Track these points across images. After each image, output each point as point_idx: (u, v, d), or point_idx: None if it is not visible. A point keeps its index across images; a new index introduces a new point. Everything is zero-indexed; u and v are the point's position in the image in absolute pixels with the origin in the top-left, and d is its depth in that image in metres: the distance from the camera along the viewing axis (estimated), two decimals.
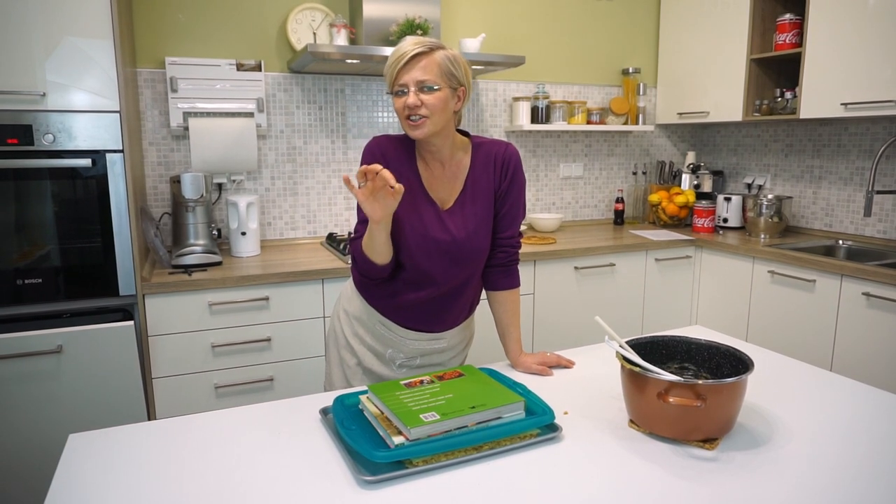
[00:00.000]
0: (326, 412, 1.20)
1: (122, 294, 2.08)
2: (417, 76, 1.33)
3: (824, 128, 3.11)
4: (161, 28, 2.59)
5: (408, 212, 1.42)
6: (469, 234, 1.44)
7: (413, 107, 1.33)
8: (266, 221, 2.86)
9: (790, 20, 2.83)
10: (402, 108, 1.35)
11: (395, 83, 1.35)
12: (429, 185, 1.46)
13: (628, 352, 1.13)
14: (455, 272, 1.47)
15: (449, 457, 1.01)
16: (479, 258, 1.49)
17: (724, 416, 1.06)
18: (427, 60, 1.33)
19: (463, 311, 1.56)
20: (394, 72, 1.34)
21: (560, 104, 3.22)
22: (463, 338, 1.62)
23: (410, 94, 1.33)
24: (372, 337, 1.55)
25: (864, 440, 1.09)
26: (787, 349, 2.62)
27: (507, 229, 1.51)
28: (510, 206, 1.49)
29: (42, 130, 1.93)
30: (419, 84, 1.33)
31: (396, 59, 1.33)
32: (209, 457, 1.04)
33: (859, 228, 2.98)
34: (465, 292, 1.52)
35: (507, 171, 1.47)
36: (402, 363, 1.56)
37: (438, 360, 1.59)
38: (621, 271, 2.92)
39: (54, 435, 1.99)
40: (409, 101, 1.33)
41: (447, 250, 1.43)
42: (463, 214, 1.45)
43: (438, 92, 1.34)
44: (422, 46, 1.33)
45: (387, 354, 1.55)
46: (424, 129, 1.36)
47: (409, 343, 1.53)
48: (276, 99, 2.80)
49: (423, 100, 1.33)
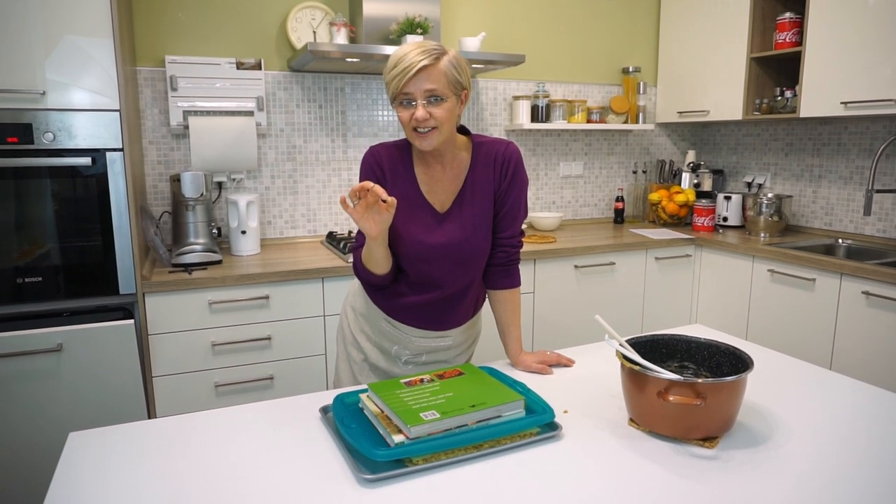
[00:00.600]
0: (326, 411, 1.20)
1: (122, 293, 2.08)
2: (425, 87, 1.30)
3: (824, 127, 3.11)
4: (161, 26, 2.59)
5: (405, 221, 1.41)
6: (467, 235, 1.44)
7: (422, 120, 1.31)
8: (266, 220, 2.86)
9: (790, 19, 2.83)
10: (408, 119, 1.33)
11: (400, 93, 1.32)
12: (427, 188, 1.45)
13: (628, 350, 1.13)
14: (457, 274, 1.47)
15: (449, 455, 1.01)
16: (481, 258, 1.49)
17: (723, 414, 1.06)
18: (434, 71, 1.30)
19: (468, 311, 1.56)
20: (399, 83, 1.30)
21: (560, 103, 3.22)
22: (469, 336, 1.63)
23: (419, 106, 1.31)
24: (377, 333, 1.55)
25: (863, 439, 1.09)
26: (787, 348, 2.62)
27: (507, 229, 1.50)
28: (510, 206, 1.48)
29: (42, 129, 1.93)
30: (427, 94, 1.31)
31: (403, 70, 1.29)
32: (209, 455, 1.04)
33: (859, 227, 2.98)
34: (468, 292, 1.53)
35: (508, 171, 1.46)
36: (408, 360, 1.56)
37: (444, 357, 1.59)
38: (621, 270, 2.92)
39: (54, 433, 2.00)
40: (417, 114, 1.31)
41: (447, 254, 1.43)
42: (461, 216, 1.45)
43: (446, 103, 1.32)
44: (428, 57, 1.29)
45: (392, 351, 1.55)
46: (433, 140, 1.34)
47: (415, 340, 1.53)
48: (276, 97, 2.80)
49: (431, 112, 1.31)
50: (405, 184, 1.44)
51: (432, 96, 1.31)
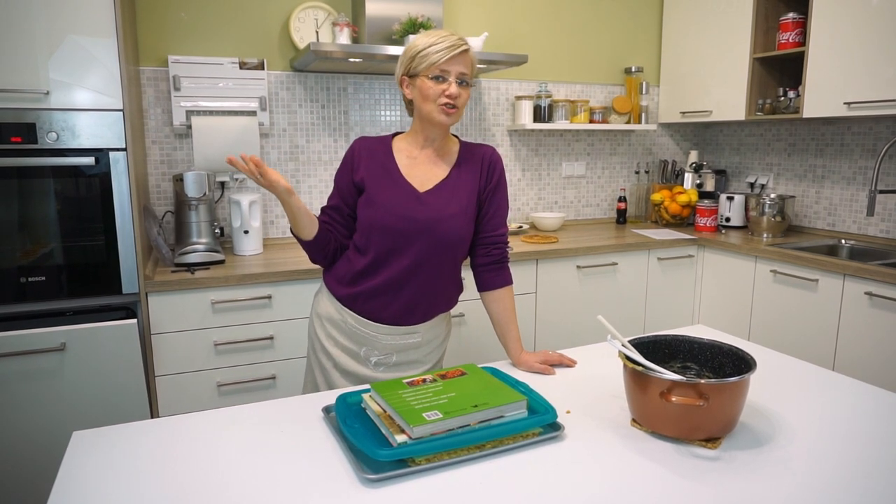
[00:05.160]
0: (329, 410, 1.20)
1: (125, 292, 2.09)
2: (461, 69, 1.43)
3: (827, 127, 3.10)
4: (164, 26, 2.59)
5: (384, 190, 1.49)
6: (449, 214, 1.49)
7: (455, 97, 1.43)
8: (269, 220, 2.87)
9: (793, 19, 2.83)
10: (439, 93, 1.43)
11: (439, 68, 1.42)
12: (407, 171, 1.53)
13: (631, 351, 1.13)
14: (431, 254, 1.49)
15: (451, 455, 1.01)
16: (458, 245, 1.52)
17: (726, 415, 1.06)
18: (468, 57, 1.45)
19: (435, 305, 1.57)
20: (441, 58, 1.41)
21: (563, 103, 3.22)
22: (438, 333, 1.63)
23: (452, 84, 1.43)
24: (345, 336, 1.56)
25: (866, 440, 1.09)
26: (790, 349, 2.62)
27: (500, 227, 1.58)
28: (499, 205, 1.57)
29: (45, 129, 1.93)
30: (460, 76, 1.44)
31: (448, 48, 1.41)
32: (212, 455, 1.04)
33: (862, 228, 2.98)
34: (437, 283, 1.54)
35: (494, 173, 1.57)
36: (378, 361, 1.57)
37: (415, 356, 1.59)
38: (623, 270, 2.92)
39: (58, 433, 2.00)
40: (452, 90, 1.43)
41: (425, 229, 1.47)
42: (442, 197, 1.50)
43: (470, 88, 1.48)
44: (466, 44, 1.44)
45: (361, 353, 1.56)
46: (454, 118, 1.47)
47: (382, 339, 1.54)
48: (279, 97, 2.80)
49: (459, 92, 1.44)
50: (384, 162, 1.53)
51: (463, 79, 1.44)
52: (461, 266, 1.61)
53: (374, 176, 1.51)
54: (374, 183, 1.50)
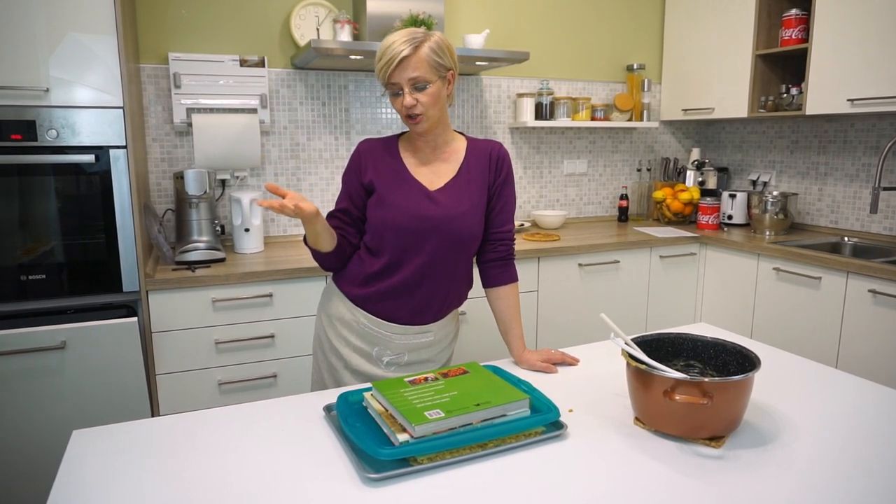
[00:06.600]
0: (330, 409, 1.19)
1: (125, 290, 2.08)
2: (410, 75, 1.38)
3: (830, 124, 3.09)
4: (164, 24, 2.59)
5: (394, 191, 1.48)
6: (461, 212, 1.48)
7: (410, 107, 1.40)
8: (269, 218, 2.86)
9: (796, 16, 2.81)
10: (399, 107, 1.42)
11: (388, 83, 1.41)
12: (414, 170, 1.52)
13: (634, 349, 1.12)
14: (444, 254, 1.48)
15: (454, 454, 1.01)
16: (469, 242, 1.51)
17: (730, 413, 1.05)
18: (416, 59, 1.37)
19: (449, 303, 1.56)
20: (385, 74, 1.39)
21: (564, 100, 3.21)
22: (448, 331, 1.62)
23: (406, 95, 1.39)
24: (357, 337, 1.55)
25: (870, 438, 1.08)
26: (793, 346, 2.61)
27: (507, 223, 1.57)
28: (506, 201, 1.56)
29: (45, 126, 1.93)
30: (412, 82, 1.39)
31: (386, 63, 1.37)
32: (213, 453, 1.04)
33: (865, 225, 2.97)
34: (451, 282, 1.53)
35: (502, 169, 1.55)
36: (391, 361, 1.56)
37: (426, 355, 1.59)
38: (625, 268, 2.91)
39: (58, 431, 2.00)
40: (405, 102, 1.40)
41: (437, 226, 1.46)
42: (454, 194, 1.49)
43: (431, 88, 1.40)
44: (409, 46, 1.36)
45: (374, 353, 1.55)
46: (424, 124, 1.44)
47: (395, 338, 1.53)
48: (280, 95, 2.80)
49: (417, 98, 1.40)
50: (391, 163, 1.51)
51: (417, 84, 1.39)
52: (472, 263, 1.60)
53: (383, 176, 1.49)
54: (383, 183, 1.48)
